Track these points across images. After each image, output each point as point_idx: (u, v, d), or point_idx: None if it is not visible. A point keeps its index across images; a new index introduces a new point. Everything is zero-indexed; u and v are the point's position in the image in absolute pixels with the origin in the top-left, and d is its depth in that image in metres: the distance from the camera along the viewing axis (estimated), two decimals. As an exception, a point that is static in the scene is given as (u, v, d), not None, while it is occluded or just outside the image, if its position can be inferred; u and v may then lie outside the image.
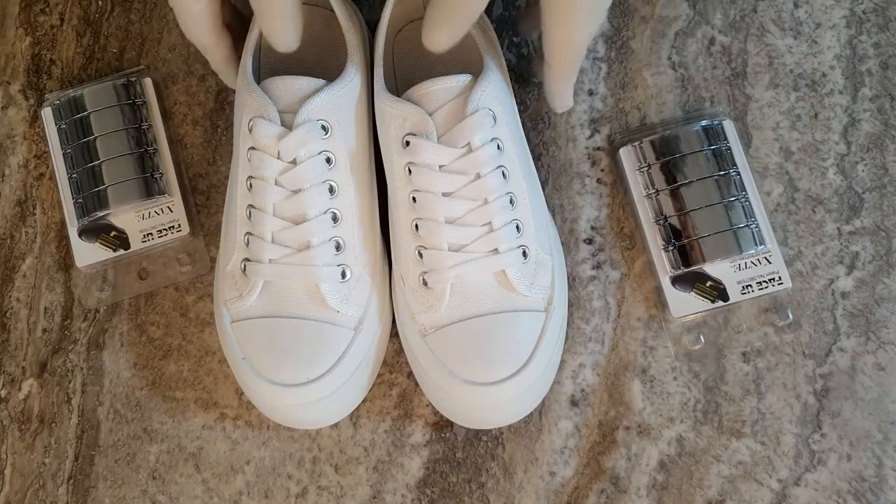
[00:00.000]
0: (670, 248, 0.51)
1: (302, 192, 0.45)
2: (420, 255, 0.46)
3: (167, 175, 0.53)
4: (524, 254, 0.46)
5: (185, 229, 0.53)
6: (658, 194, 0.51)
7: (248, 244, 0.47)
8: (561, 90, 0.48)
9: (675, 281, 0.51)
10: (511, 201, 0.46)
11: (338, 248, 0.46)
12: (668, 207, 0.51)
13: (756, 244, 0.50)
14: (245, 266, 0.47)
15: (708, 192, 0.50)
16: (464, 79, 0.45)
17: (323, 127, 0.45)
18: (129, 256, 0.53)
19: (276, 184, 0.46)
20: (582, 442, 0.50)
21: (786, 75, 0.54)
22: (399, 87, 0.52)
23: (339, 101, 0.46)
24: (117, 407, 0.52)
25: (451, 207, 0.45)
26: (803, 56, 0.54)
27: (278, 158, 0.45)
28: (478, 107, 0.45)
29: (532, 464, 0.50)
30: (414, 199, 0.46)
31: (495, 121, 0.45)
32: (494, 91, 0.46)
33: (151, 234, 0.53)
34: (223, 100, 0.55)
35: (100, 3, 0.58)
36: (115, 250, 0.53)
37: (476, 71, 0.46)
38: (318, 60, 0.53)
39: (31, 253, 0.54)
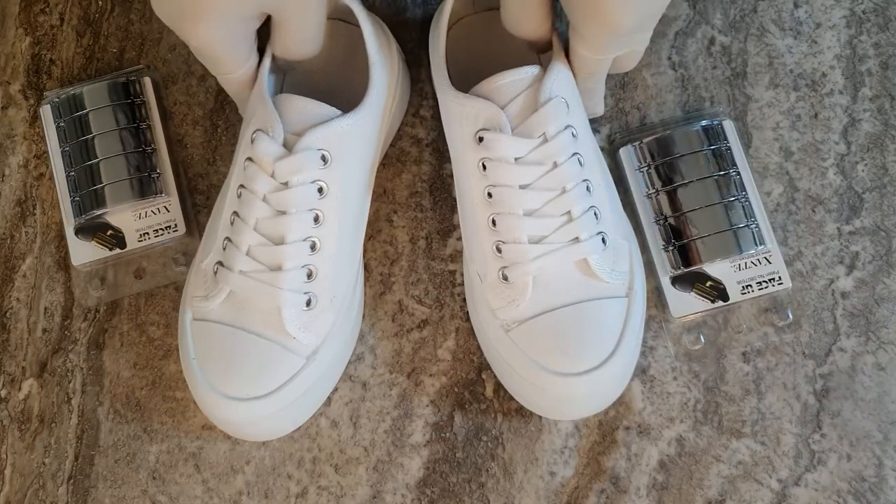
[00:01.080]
0: (670, 248, 0.51)
1: (286, 215, 0.45)
2: (499, 250, 0.46)
3: (164, 175, 0.53)
4: (603, 240, 0.45)
5: (182, 229, 0.53)
6: (658, 194, 0.51)
7: (224, 248, 0.46)
8: (586, 100, 0.48)
9: (675, 281, 0.51)
10: (588, 188, 0.46)
11: (309, 276, 0.46)
12: (668, 207, 0.51)
13: (756, 244, 0.50)
14: (217, 269, 0.46)
15: (708, 192, 0.50)
16: (533, 70, 0.45)
17: (322, 157, 0.45)
18: (126, 255, 0.53)
19: (264, 200, 0.45)
20: (582, 442, 0.50)
21: (786, 75, 0.54)
22: (455, 85, 0.50)
23: (349, 133, 0.46)
24: (117, 407, 0.52)
25: (530, 199, 0.45)
26: (803, 56, 0.54)
27: (272, 177, 0.45)
28: (551, 95, 0.45)
29: (532, 464, 0.49)
30: (490, 194, 0.45)
31: (568, 108, 0.45)
32: (565, 79, 0.46)
33: (148, 233, 0.53)
34: (223, 100, 0.55)
35: (100, 3, 0.58)
36: (111, 249, 0.53)
37: (525, 64, 0.46)
38: (344, 76, 0.52)
39: (31, 253, 0.54)
